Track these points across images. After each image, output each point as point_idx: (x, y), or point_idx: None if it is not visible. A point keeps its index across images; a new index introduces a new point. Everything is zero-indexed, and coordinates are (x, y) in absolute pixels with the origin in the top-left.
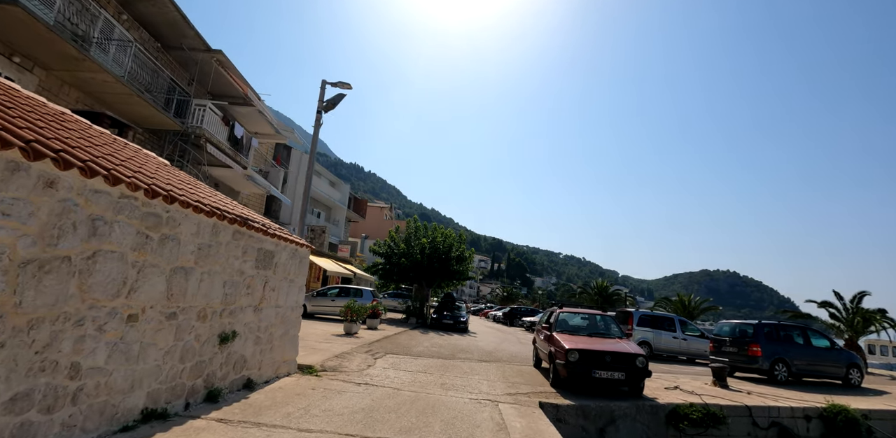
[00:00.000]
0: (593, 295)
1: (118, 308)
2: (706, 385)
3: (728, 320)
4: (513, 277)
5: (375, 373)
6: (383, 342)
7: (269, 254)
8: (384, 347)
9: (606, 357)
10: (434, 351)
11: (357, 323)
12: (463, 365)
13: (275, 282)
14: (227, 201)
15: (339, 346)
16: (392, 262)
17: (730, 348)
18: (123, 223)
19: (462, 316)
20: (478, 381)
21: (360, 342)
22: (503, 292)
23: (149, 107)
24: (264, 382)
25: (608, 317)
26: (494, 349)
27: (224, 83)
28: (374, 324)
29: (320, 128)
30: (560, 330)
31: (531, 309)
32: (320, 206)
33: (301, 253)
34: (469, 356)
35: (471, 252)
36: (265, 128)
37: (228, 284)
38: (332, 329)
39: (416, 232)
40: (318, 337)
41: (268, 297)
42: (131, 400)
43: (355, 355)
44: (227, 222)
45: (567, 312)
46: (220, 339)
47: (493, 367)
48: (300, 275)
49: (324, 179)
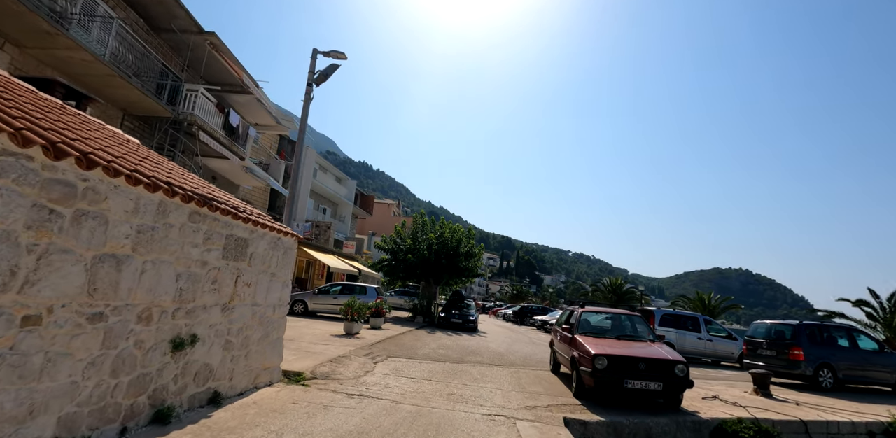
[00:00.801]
0: (607, 293)
1: (3, 306)
2: (747, 394)
3: (762, 320)
4: (522, 275)
5: (373, 381)
6: (386, 343)
7: (243, 243)
8: (386, 349)
9: (640, 364)
10: (441, 354)
11: (358, 323)
12: (472, 369)
13: (250, 276)
14: (199, 183)
15: (337, 348)
16: (398, 259)
17: (767, 351)
18: (9, 190)
19: (471, 315)
20: (490, 390)
21: (361, 343)
22: (513, 290)
23: (135, 91)
24: (237, 395)
25: (637, 317)
26: (506, 350)
27: (219, 69)
28: (377, 324)
29: (310, 103)
30: (583, 331)
31: (542, 308)
32: (326, 202)
33: (285, 243)
34: (479, 359)
35: (480, 247)
36: (265, 119)
37: (185, 277)
38: (332, 328)
39: (422, 227)
40: (314, 338)
41: (241, 294)
42: (29, 432)
43: (353, 359)
44: (181, 200)
45: (590, 311)
46: (173, 345)
47: (507, 372)
48: (284, 269)
49: (330, 175)
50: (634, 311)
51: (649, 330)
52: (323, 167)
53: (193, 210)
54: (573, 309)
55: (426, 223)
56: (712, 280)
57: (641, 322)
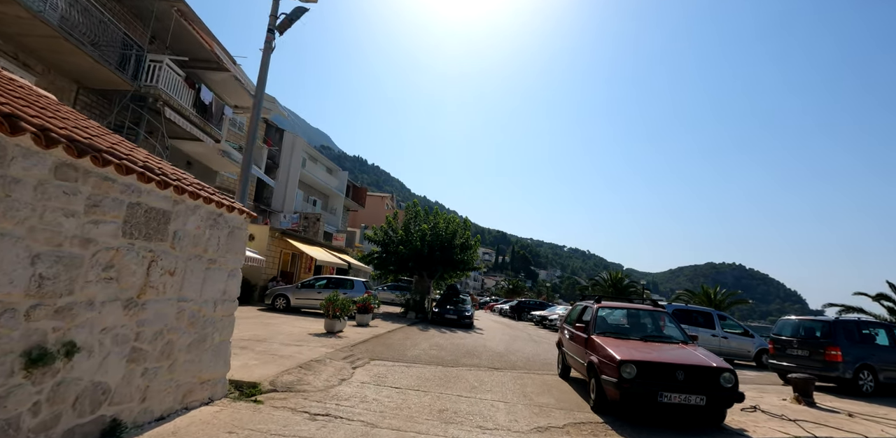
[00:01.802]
0: (607, 288)
1: None
2: (787, 403)
3: (789, 316)
4: (517, 270)
5: (348, 393)
6: (372, 343)
7: (160, 216)
8: (371, 350)
9: (678, 372)
10: (433, 355)
11: (341, 320)
12: (469, 375)
13: (174, 262)
14: (98, 131)
15: (312, 350)
16: (389, 251)
17: (798, 351)
18: None
19: (467, 311)
20: (490, 404)
21: (342, 343)
22: (508, 285)
23: (86, 59)
24: (154, 420)
25: (663, 314)
26: (506, 350)
27: (190, 42)
28: (364, 320)
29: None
30: (601, 331)
31: (540, 303)
32: (316, 194)
33: (231, 221)
34: (476, 361)
35: (476, 239)
36: (245, 100)
37: (49, 260)
38: (313, 326)
39: (415, 217)
40: (289, 338)
41: (159, 285)
42: None
43: (328, 363)
44: (36, 142)
45: (608, 307)
46: (27, 359)
47: (509, 378)
48: (230, 254)
49: (320, 165)
50: (658, 307)
51: (680, 330)
52: (313, 157)
53: (62, 161)
54: (586, 305)
55: (419, 213)
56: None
57: (670, 319)
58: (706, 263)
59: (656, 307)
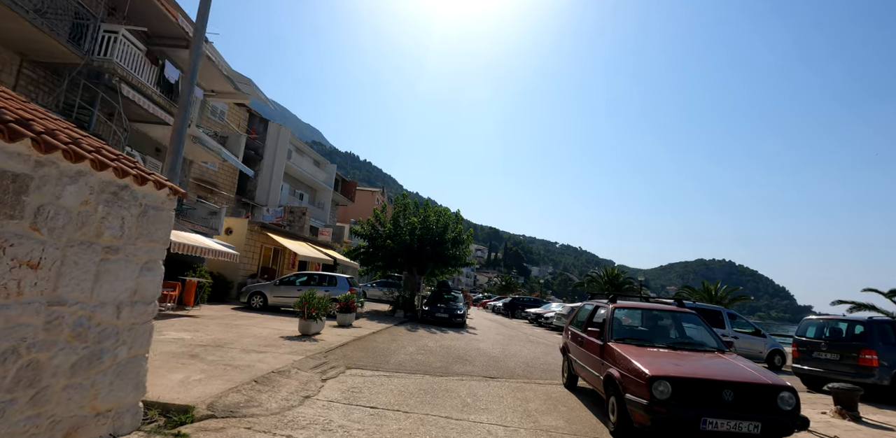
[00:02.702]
0: (603, 285)
1: None
2: (830, 417)
3: (813, 316)
4: (510, 266)
5: (307, 418)
6: (351, 347)
7: (12, 183)
8: (348, 356)
9: (725, 392)
10: (420, 361)
11: (319, 321)
12: (460, 387)
13: (39, 249)
14: None
15: (276, 358)
16: (376, 246)
17: (826, 354)
18: None
19: (459, 309)
20: (487, 431)
21: (316, 348)
22: (501, 281)
23: (26, 25)
24: None
25: (692, 316)
26: (502, 353)
27: (153, 14)
28: (346, 321)
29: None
30: (619, 337)
31: (534, 300)
32: (303, 187)
33: (145, 198)
34: (469, 368)
35: (469, 233)
36: (220, 83)
37: None
38: (289, 327)
39: (405, 210)
40: (255, 342)
41: (9, 283)
42: None
43: (293, 375)
44: None
45: (625, 308)
46: None
47: (507, 390)
48: (144, 241)
49: (307, 158)
50: (685, 307)
51: (714, 335)
52: (299, 149)
53: None
54: (597, 305)
55: (409, 206)
56: (697, 271)
57: (699, 322)
58: (696, 260)
59: (681, 307)
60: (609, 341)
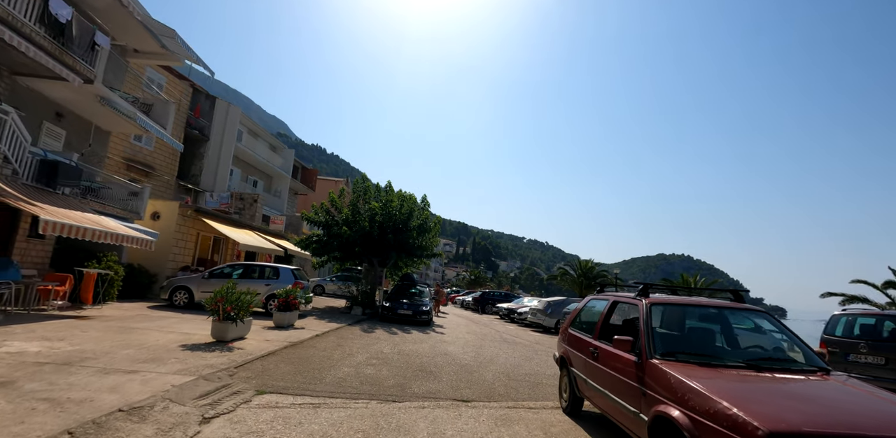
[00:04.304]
0: (577, 278)
1: None
2: None
3: (842, 311)
4: (478, 261)
5: None
6: (277, 357)
7: None
8: (267, 373)
9: None
10: (368, 377)
11: (239, 323)
12: (421, 421)
13: None
14: None
15: (149, 382)
16: (331, 234)
17: (867, 357)
18: None
19: (424, 305)
20: None
21: (224, 362)
22: (470, 275)
23: None
24: None
25: (765, 314)
26: (475, 359)
27: None
28: (285, 321)
29: None
30: (668, 352)
31: (506, 294)
32: (256, 173)
33: None
34: (433, 386)
35: (436, 219)
36: (145, 41)
37: None
38: (202, 332)
39: (364, 194)
40: (136, 355)
41: None
42: None
43: (155, 414)
44: None
45: (665, 303)
46: None
47: (488, 425)
48: None
49: (262, 141)
50: (742, 301)
51: (803, 345)
52: (253, 131)
53: None
54: (616, 301)
55: (369, 189)
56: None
57: (775, 324)
58: (657, 254)
59: (740, 301)
60: (653, 357)
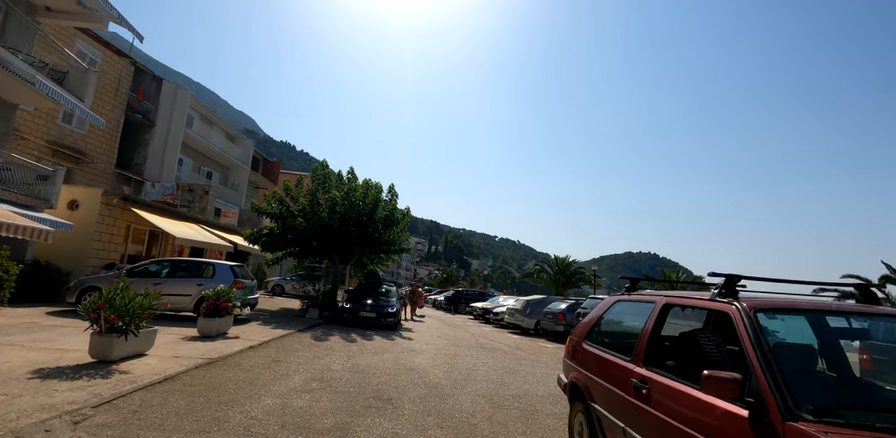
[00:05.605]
0: (554, 275)
1: None
2: None
3: None
4: (450, 260)
5: None
6: (173, 384)
7: None
8: (142, 414)
9: None
10: (297, 414)
11: (129, 337)
12: None
13: None
14: None
15: None
16: (285, 226)
17: None
18: None
19: (390, 306)
20: None
21: (80, 396)
22: (442, 274)
23: None
24: None
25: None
26: (448, 377)
27: None
28: (213, 329)
29: None
30: (820, 406)
31: (480, 293)
32: (211, 164)
33: None
34: (389, 427)
35: (405, 211)
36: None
37: None
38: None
39: (324, 182)
40: None
41: None
42: None
43: None
44: None
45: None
46: None
47: None
48: None
49: (217, 129)
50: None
51: None
52: (206, 118)
53: None
54: (668, 304)
55: (329, 176)
56: (626, 263)
57: None
58: (625, 252)
59: (874, 302)
60: (796, 417)
